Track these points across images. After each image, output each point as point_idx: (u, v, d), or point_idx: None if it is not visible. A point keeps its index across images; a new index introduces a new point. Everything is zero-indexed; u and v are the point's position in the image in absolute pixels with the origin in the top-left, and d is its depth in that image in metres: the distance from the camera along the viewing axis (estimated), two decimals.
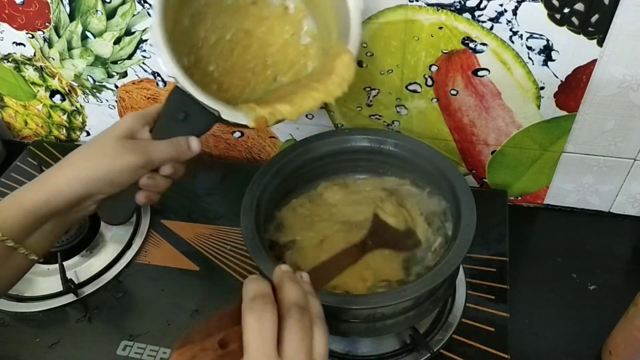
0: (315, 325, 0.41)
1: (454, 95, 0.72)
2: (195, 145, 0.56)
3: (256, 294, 0.40)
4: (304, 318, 0.40)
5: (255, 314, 0.39)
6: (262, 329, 0.38)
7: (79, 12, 0.77)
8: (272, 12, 0.64)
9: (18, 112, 0.96)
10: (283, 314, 0.40)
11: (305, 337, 0.39)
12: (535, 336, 0.67)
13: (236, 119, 0.53)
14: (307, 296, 0.42)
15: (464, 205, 0.59)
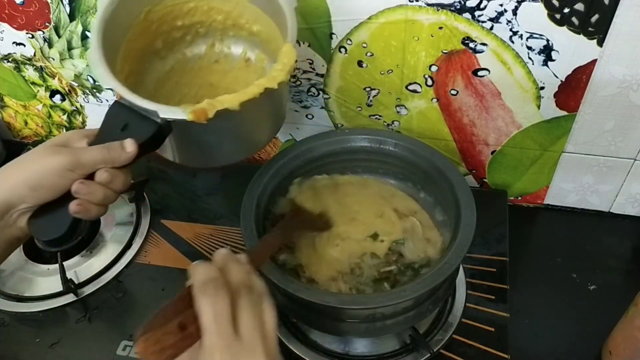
0: (263, 301, 0.43)
1: (454, 95, 0.72)
2: (130, 146, 0.52)
3: (207, 279, 0.41)
4: (252, 296, 0.42)
5: (209, 299, 0.40)
6: (217, 312, 0.40)
7: (79, 12, 0.77)
8: (235, 66, 0.67)
9: (18, 112, 0.96)
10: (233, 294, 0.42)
11: (256, 314, 0.42)
12: (535, 336, 0.67)
13: (174, 114, 0.52)
14: (250, 275, 0.44)
15: (464, 205, 0.59)
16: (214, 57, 0.68)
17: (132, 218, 0.82)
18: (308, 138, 0.70)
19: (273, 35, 0.61)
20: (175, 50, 0.68)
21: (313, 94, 0.78)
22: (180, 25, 0.66)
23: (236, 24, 0.66)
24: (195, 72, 0.68)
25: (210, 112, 0.52)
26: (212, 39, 0.68)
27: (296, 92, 0.78)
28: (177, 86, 0.67)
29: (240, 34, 0.67)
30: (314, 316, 0.59)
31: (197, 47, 0.68)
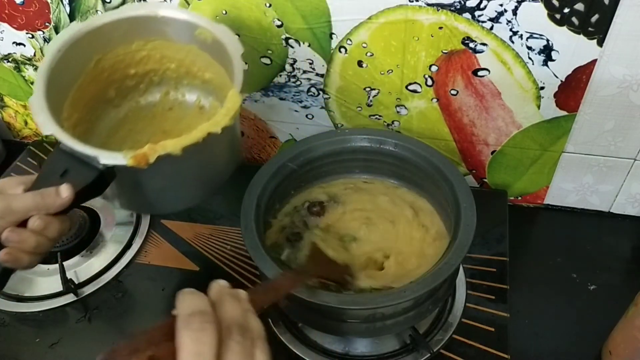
0: (256, 346, 0.38)
1: (454, 95, 0.72)
2: (66, 191, 0.50)
3: (194, 311, 0.37)
4: (245, 339, 0.37)
5: (193, 334, 0.36)
6: (200, 351, 0.35)
7: (79, 12, 0.77)
8: (189, 113, 0.68)
9: (18, 112, 0.96)
10: (223, 333, 0.37)
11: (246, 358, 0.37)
12: (535, 336, 0.67)
13: (114, 160, 0.51)
14: (247, 314, 0.40)
15: (464, 205, 0.59)
16: (168, 105, 0.69)
17: (132, 218, 0.82)
18: (308, 138, 0.70)
19: (224, 82, 0.61)
20: (129, 98, 0.68)
21: (313, 94, 0.78)
22: (133, 73, 0.67)
23: (189, 71, 0.67)
24: (149, 119, 0.68)
25: (151, 157, 0.51)
26: (166, 87, 0.69)
27: (296, 92, 0.78)
28: (130, 133, 0.67)
29: (193, 82, 0.68)
30: (314, 316, 0.59)
31: (151, 95, 0.69)
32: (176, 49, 0.65)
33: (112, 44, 0.63)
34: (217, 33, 0.60)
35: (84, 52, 0.62)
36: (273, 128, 0.85)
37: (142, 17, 0.63)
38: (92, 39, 0.62)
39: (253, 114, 0.84)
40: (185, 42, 0.64)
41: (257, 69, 0.76)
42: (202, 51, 0.63)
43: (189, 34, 0.62)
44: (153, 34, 0.64)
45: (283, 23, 0.70)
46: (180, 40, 0.64)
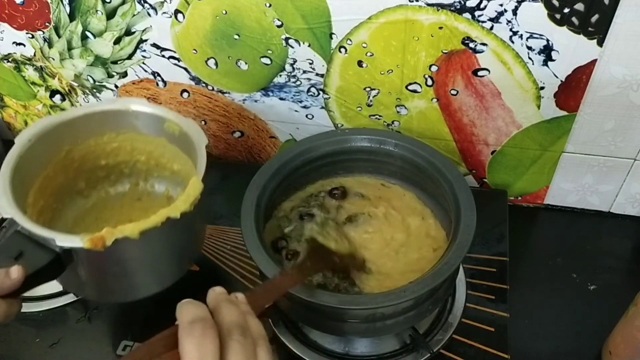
0: (258, 345, 0.39)
1: (454, 95, 0.72)
2: (15, 273, 0.49)
3: (195, 318, 0.38)
4: (246, 339, 0.38)
5: (195, 340, 0.36)
6: (202, 356, 0.36)
7: (79, 12, 0.77)
8: (157, 203, 0.70)
9: (18, 112, 0.96)
10: (223, 336, 0.38)
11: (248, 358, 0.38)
12: (535, 336, 0.67)
13: (71, 242, 0.52)
14: (246, 316, 0.40)
15: (464, 205, 0.59)
16: (136, 195, 0.71)
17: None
18: (308, 138, 0.70)
19: (191, 173, 0.63)
20: (98, 189, 0.71)
21: (313, 94, 0.78)
22: (104, 164, 0.69)
23: (158, 163, 0.69)
24: (117, 209, 0.70)
25: (108, 240, 0.51)
26: (136, 178, 0.71)
27: (296, 92, 0.78)
28: (96, 222, 0.68)
29: (163, 174, 0.70)
30: (314, 316, 0.59)
31: (121, 186, 0.71)
32: (146, 141, 0.68)
33: (83, 135, 0.66)
34: (184, 126, 0.64)
35: (55, 143, 0.64)
36: (273, 128, 0.85)
37: (114, 111, 0.66)
38: (63, 131, 0.65)
39: (253, 114, 0.84)
40: (155, 135, 0.67)
41: (257, 69, 0.77)
42: (170, 143, 0.67)
43: (158, 127, 0.66)
44: (124, 126, 0.67)
45: (283, 23, 0.70)
46: (150, 133, 0.67)
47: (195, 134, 0.63)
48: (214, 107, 0.84)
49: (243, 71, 0.77)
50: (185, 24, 0.74)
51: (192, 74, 0.80)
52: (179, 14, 0.73)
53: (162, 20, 0.74)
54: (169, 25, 0.75)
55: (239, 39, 0.73)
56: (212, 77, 0.80)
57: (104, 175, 0.70)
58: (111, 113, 0.66)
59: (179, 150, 0.66)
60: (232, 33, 0.73)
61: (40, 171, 0.63)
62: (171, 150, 0.67)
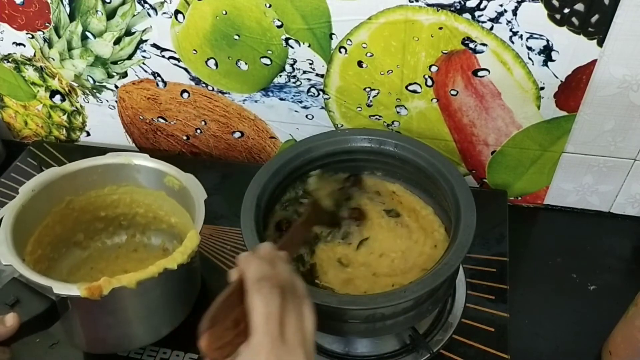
0: (303, 304, 0.43)
1: (454, 95, 0.72)
2: (11, 320, 0.50)
3: (262, 276, 0.42)
4: (295, 298, 0.43)
5: (263, 297, 0.40)
6: (270, 312, 0.40)
7: (79, 12, 0.77)
8: (152, 255, 0.71)
9: (18, 113, 0.96)
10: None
11: (299, 317, 0.42)
12: (535, 336, 0.67)
13: (68, 291, 0.52)
14: (293, 276, 0.45)
15: (464, 206, 0.59)
16: (133, 247, 0.72)
17: None
18: (308, 138, 0.70)
19: (188, 226, 0.64)
20: (95, 239, 0.72)
21: (313, 94, 0.78)
22: (103, 216, 0.70)
23: (156, 216, 0.70)
24: (113, 259, 0.71)
25: (105, 289, 0.52)
26: (133, 230, 0.73)
27: (296, 92, 0.78)
28: (91, 272, 0.69)
29: (160, 227, 0.72)
30: None
31: (118, 237, 0.73)
32: (146, 193, 0.69)
33: (85, 187, 0.68)
34: (184, 181, 0.65)
35: (57, 193, 0.66)
36: (273, 128, 0.85)
37: (116, 164, 0.68)
38: (66, 182, 0.66)
39: (253, 114, 0.84)
40: (155, 188, 0.69)
41: (257, 69, 0.77)
42: (169, 197, 0.68)
43: (158, 181, 0.67)
44: (125, 179, 0.69)
45: (283, 23, 0.70)
46: (150, 186, 0.69)
47: (194, 189, 0.64)
48: (214, 107, 0.84)
49: (243, 71, 0.77)
50: (185, 24, 0.74)
51: (192, 74, 0.80)
52: (179, 14, 0.73)
53: (162, 20, 0.74)
54: (169, 26, 0.75)
55: (239, 39, 0.73)
56: (212, 78, 0.80)
57: (102, 227, 0.72)
58: (114, 166, 0.68)
59: (177, 204, 0.68)
60: (232, 33, 0.73)
61: (40, 220, 0.65)
62: (170, 204, 0.69)
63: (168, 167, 0.67)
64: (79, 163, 0.68)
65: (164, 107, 0.86)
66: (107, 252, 0.71)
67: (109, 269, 0.69)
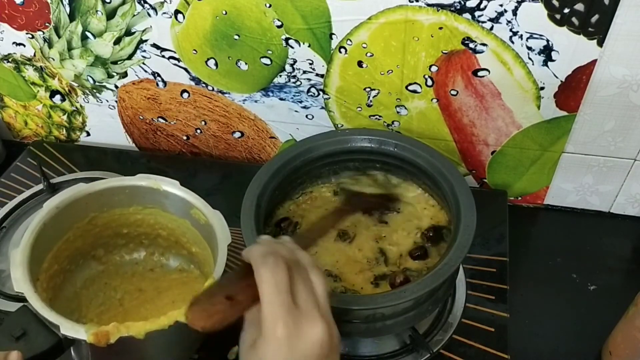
0: (311, 272, 0.45)
1: (454, 95, 0.72)
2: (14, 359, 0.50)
3: (267, 252, 0.43)
4: (300, 269, 0.44)
5: (270, 268, 0.42)
6: (278, 281, 0.41)
7: (79, 12, 0.77)
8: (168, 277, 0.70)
9: (18, 113, 0.96)
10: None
11: (308, 284, 0.44)
12: (535, 336, 0.67)
13: (76, 333, 0.52)
14: (294, 250, 0.46)
15: (464, 206, 0.59)
16: (150, 265, 0.71)
17: None
18: (308, 138, 0.70)
19: (209, 260, 0.64)
20: (114, 253, 0.71)
21: (313, 94, 0.78)
22: (125, 233, 0.69)
23: (178, 241, 0.69)
24: (128, 276, 0.70)
25: (112, 337, 0.52)
26: (152, 250, 0.72)
27: (296, 92, 0.78)
28: (105, 287, 0.68)
29: (180, 252, 0.71)
30: None
31: (137, 253, 0.72)
32: (170, 219, 0.68)
33: (110, 205, 0.66)
34: (210, 217, 0.64)
35: (81, 211, 0.65)
36: (273, 128, 0.85)
37: (145, 187, 0.66)
38: (91, 200, 0.65)
39: (253, 114, 0.84)
40: (180, 216, 0.67)
41: (257, 69, 0.77)
42: (193, 227, 0.67)
43: (185, 210, 0.66)
44: (151, 202, 0.67)
45: (283, 23, 0.70)
46: (176, 213, 0.67)
47: (219, 229, 0.63)
48: (214, 107, 0.84)
49: (243, 71, 0.77)
50: (185, 24, 0.74)
51: (192, 74, 0.80)
52: (179, 14, 0.73)
53: (162, 20, 0.74)
54: (169, 26, 0.75)
55: (239, 39, 0.73)
56: (212, 78, 0.80)
57: (123, 243, 0.71)
58: (142, 189, 0.66)
59: (200, 236, 0.66)
60: (232, 33, 0.73)
61: (61, 236, 0.64)
62: (193, 234, 0.67)
63: (196, 199, 0.65)
64: (106, 182, 0.66)
65: (164, 107, 0.86)
66: (124, 268, 0.70)
67: (122, 287, 0.68)
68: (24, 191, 0.85)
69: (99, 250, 0.69)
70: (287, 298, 0.41)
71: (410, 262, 0.63)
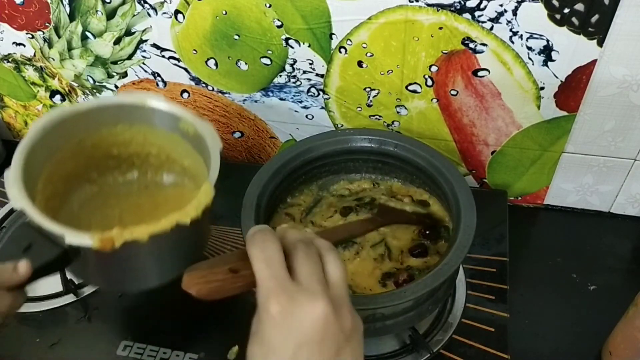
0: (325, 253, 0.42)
1: (454, 95, 0.72)
2: (24, 268, 0.50)
3: (255, 230, 0.43)
4: (309, 248, 0.42)
5: (258, 245, 0.41)
6: (267, 256, 0.40)
7: (79, 12, 0.77)
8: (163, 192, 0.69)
9: (18, 113, 0.96)
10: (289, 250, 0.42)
11: (315, 262, 0.41)
12: (535, 336, 0.67)
13: (80, 240, 0.52)
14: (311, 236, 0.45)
15: (464, 206, 0.59)
16: (144, 183, 0.70)
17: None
18: (308, 138, 0.70)
19: (201, 172, 0.63)
20: (107, 175, 0.70)
21: (313, 94, 0.78)
22: (115, 154, 0.68)
23: (170, 157, 0.68)
24: (124, 196, 0.69)
25: (117, 241, 0.51)
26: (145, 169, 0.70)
27: (296, 92, 0.78)
28: (102, 206, 0.68)
29: (173, 168, 0.69)
30: None
31: (130, 174, 0.70)
32: (159, 134, 0.67)
33: (96, 125, 0.66)
34: (199, 127, 0.63)
35: (68, 132, 0.64)
36: (273, 128, 0.85)
37: (130, 105, 0.65)
38: (77, 121, 0.64)
39: (253, 114, 0.84)
40: (169, 130, 0.66)
41: (257, 69, 0.77)
42: (183, 140, 0.66)
43: (173, 125, 0.65)
44: (138, 120, 0.66)
45: (283, 23, 0.70)
46: (164, 128, 0.66)
47: (210, 138, 0.62)
48: (214, 107, 0.84)
49: (243, 71, 0.77)
50: (185, 24, 0.74)
51: (192, 74, 0.80)
52: (179, 14, 0.73)
53: (162, 20, 0.74)
54: (169, 26, 0.75)
55: (239, 39, 0.73)
56: (212, 78, 0.80)
57: (114, 165, 0.69)
58: (127, 106, 0.65)
59: (191, 148, 0.65)
60: (232, 33, 0.73)
61: (51, 158, 0.62)
62: (184, 147, 0.66)
63: (183, 111, 0.64)
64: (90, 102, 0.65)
65: None
66: (118, 188, 0.69)
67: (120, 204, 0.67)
68: None
69: (92, 173, 0.68)
70: (279, 272, 0.39)
71: (412, 259, 0.63)
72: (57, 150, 0.63)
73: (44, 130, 0.61)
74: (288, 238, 0.43)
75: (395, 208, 0.68)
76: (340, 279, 0.41)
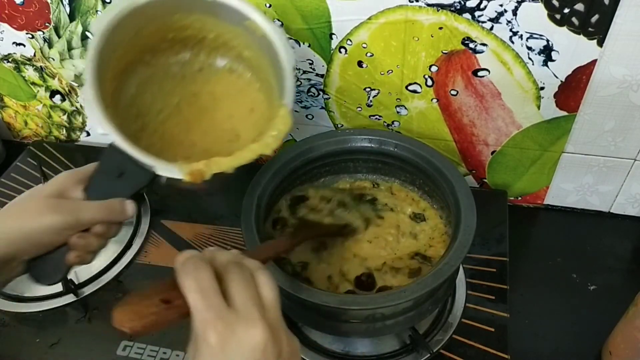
0: (257, 275, 0.42)
1: (454, 95, 0.72)
2: (131, 209, 0.53)
3: (186, 258, 0.41)
4: (242, 270, 0.41)
5: (190, 274, 0.39)
6: (202, 287, 0.39)
7: (79, 12, 0.77)
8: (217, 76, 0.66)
9: (18, 113, 0.96)
10: (220, 273, 0.41)
11: (249, 285, 0.40)
12: (535, 336, 0.67)
13: (170, 173, 0.52)
14: (240, 257, 0.43)
15: (464, 206, 0.59)
16: (197, 65, 0.67)
17: (132, 218, 0.82)
18: (308, 138, 0.70)
19: (264, 67, 0.60)
20: (159, 57, 0.67)
21: (313, 94, 0.78)
22: (171, 37, 0.65)
23: (227, 44, 0.65)
24: (178, 80, 0.67)
25: (207, 174, 0.52)
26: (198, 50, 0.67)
27: (296, 92, 0.78)
28: (159, 93, 0.66)
29: (228, 53, 0.66)
30: (314, 316, 0.59)
31: (182, 56, 0.67)
32: (220, 24, 0.62)
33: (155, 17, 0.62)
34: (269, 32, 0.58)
35: (128, 29, 0.60)
36: None
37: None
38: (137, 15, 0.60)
39: None
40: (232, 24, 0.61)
41: None
42: (247, 34, 0.61)
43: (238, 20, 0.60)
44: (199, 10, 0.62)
45: (283, 23, 0.70)
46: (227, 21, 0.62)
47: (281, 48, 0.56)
48: None
49: None
50: None
51: None
52: None
53: None
54: None
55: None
56: None
57: (167, 47, 0.66)
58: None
59: (256, 43, 0.60)
60: None
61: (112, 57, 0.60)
62: (246, 39, 0.61)
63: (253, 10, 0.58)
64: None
65: None
66: (172, 71, 0.66)
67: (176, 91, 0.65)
68: (24, 191, 0.86)
69: (146, 55, 0.65)
70: (214, 301, 0.38)
71: None
72: (118, 48, 0.60)
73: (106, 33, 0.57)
74: (218, 260, 0.42)
75: (313, 221, 0.67)
76: (274, 301, 0.41)
